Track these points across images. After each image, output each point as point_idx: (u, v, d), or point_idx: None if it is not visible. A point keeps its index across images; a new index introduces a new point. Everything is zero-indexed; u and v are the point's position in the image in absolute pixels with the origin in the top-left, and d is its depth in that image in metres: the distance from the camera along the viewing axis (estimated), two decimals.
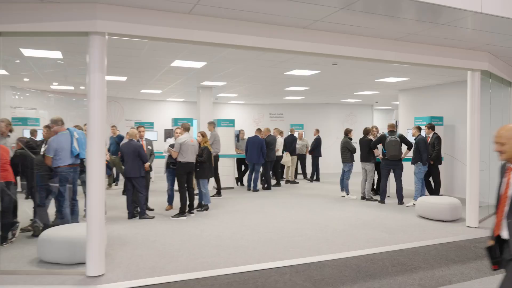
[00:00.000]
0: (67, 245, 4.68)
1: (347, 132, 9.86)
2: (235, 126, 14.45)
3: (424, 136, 8.99)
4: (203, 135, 8.23)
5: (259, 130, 11.24)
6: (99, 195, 4.40)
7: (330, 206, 8.73)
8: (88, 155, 4.42)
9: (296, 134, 13.80)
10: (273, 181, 12.21)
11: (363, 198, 9.59)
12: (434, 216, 7.24)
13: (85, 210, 5.34)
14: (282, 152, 12.80)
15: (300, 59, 7.36)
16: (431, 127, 9.40)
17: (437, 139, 9.23)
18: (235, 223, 7.07)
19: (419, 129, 8.98)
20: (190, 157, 7.54)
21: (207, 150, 8.08)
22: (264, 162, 10.96)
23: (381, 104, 17.14)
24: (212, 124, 9.16)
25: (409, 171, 9.96)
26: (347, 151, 9.67)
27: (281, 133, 13.00)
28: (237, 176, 12.36)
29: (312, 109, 16.72)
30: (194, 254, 5.27)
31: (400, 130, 11.74)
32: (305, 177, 13.81)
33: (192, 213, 7.75)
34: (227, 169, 11.43)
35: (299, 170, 14.22)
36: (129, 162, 7.28)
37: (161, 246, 5.59)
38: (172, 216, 7.45)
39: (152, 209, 8.12)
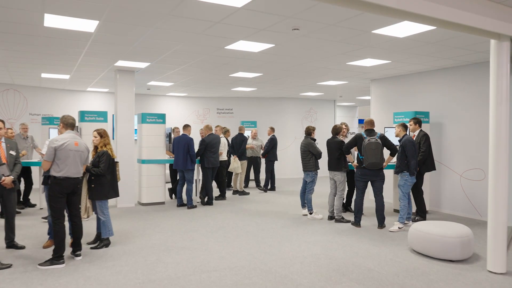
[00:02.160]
0: None
1: (310, 131, 7.48)
2: (169, 123, 11.82)
3: (408, 135, 6.78)
4: (101, 134, 5.50)
5: (187, 126, 8.63)
6: None
7: (289, 232, 6.30)
8: None
9: (247, 134, 11.35)
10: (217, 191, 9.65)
11: (331, 218, 7.25)
12: (437, 253, 4.97)
13: None
14: (229, 156, 10.30)
15: (244, 19, 4.84)
16: (418, 122, 7.24)
17: (424, 138, 7.10)
18: (137, 275, 4.41)
19: (405, 127, 6.76)
20: (72, 169, 4.79)
21: (107, 157, 5.36)
22: (193, 169, 8.38)
23: (345, 100, 15.06)
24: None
25: (387, 180, 7.80)
26: (310, 156, 7.29)
27: (226, 132, 10.47)
28: (171, 187, 9.71)
29: (266, 104, 14.32)
30: None
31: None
32: (257, 185, 11.38)
33: (78, 255, 5.00)
34: (155, 179, 8.74)
35: (252, 176, 11.79)
36: None
37: None
38: (40, 264, 4.67)
39: (21, 247, 5.33)
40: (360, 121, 18.84)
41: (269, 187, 10.99)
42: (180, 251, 5.32)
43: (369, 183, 6.71)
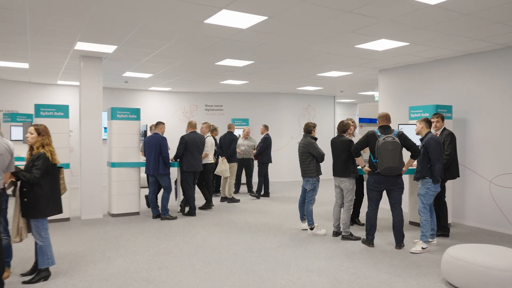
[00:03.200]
0: None
1: (310, 129, 6.17)
2: (152, 121, 10.49)
3: (432, 133, 5.48)
4: (40, 131, 4.15)
5: (159, 124, 7.37)
6: None
7: (285, 255, 4.99)
8: None
9: (238, 133, 10.05)
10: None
11: (336, 234, 5.97)
12: None
13: None
14: (216, 158, 9.02)
15: None
16: (443, 118, 6.00)
17: (449, 138, 5.87)
18: None
19: (429, 123, 5.48)
20: None
21: (44, 161, 4.02)
22: (167, 173, 7.10)
23: (345, 96, 13.80)
24: None
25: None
26: (310, 158, 5.99)
27: (214, 130, 9.20)
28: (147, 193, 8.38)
29: (259, 100, 13.02)
30: None
31: None
32: (249, 190, 10.09)
33: None
34: (127, 185, 7.42)
35: (243, 180, 10.50)
36: None
37: None
38: None
39: None
40: (361, 120, 17.62)
41: (262, 192, 9.70)
42: (142, 286, 4.00)
43: (384, 192, 5.43)
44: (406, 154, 5.33)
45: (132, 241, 5.66)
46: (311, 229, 6.07)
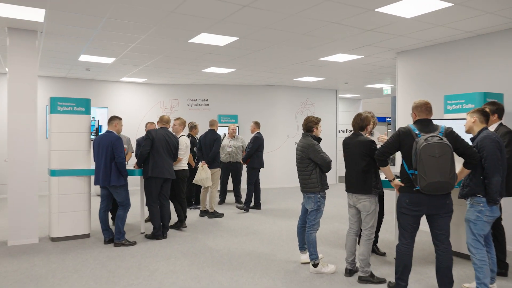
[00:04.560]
0: None
1: (311, 126, 4.42)
2: (125, 117, 8.73)
3: (488, 129, 3.76)
4: None
5: (113, 119, 5.61)
6: None
7: None
8: None
9: (222, 132, 8.34)
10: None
11: (350, 272, 4.23)
12: None
13: None
14: (196, 162, 7.34)
15: None
16: (498, 110, 4.29)
17: (508, 137, 4.15)
18: None
19: (485, 116, 3.76)
20: None
21: None
22: (123, 184, 5.37)
23: (349, 89, 12.07)
24: None
25: None
26: (311, 167, 4.25)
27: (193, 128, 7.51)
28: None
29: (250, 94, 11.27)
30: None
31: (402, 122, 6.50)
32: (237, 201, 8.38)
33: None
34: (73, 199, 5.68)
35: (230, 186, 8.78)
36: None
37: None
38: None
39: None
40: None
41: (252, 204, 7.97)
42: None
43: (426, 220, 3.69)
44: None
45: (59, 286, 3.90)
46: (315, 265, 4.32)
